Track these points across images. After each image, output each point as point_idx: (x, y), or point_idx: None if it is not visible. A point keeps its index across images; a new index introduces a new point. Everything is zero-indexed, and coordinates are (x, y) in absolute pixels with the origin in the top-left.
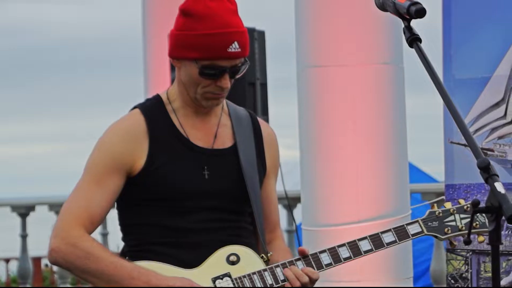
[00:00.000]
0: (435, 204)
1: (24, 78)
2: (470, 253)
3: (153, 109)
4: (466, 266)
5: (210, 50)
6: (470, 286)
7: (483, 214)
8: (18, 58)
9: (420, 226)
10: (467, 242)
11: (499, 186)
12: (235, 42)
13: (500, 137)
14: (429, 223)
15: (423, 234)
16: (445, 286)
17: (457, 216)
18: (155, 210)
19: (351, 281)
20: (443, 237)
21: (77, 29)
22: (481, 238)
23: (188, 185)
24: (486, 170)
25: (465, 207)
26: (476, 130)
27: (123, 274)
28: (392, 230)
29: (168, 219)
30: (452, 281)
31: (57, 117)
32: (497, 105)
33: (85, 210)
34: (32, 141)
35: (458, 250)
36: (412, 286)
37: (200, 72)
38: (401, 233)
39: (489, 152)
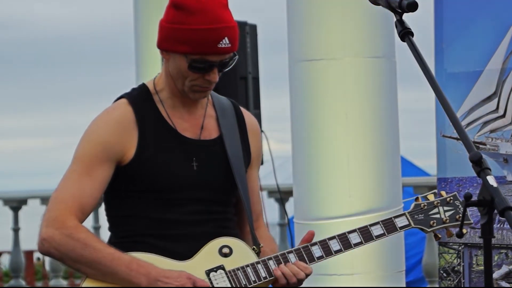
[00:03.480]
0: (419, 197)
1: (16, 73)
2: (462, 246)
3: (140, 99)
4: (458, 260)
5: (201, 46)
6: (462, 279)
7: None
8: (11, 52)
9: (407, 219)
10: (460, 235)
11: (491, 180)
12: (226, 38)
13: (492, 131)
14: (415, 216)
15: (411, 227)
16: (437, 279)
17: (440, 208)
18: (143, 202)
19: (343, 274)
20: (428, 229)
21: (68, 24)
22: (463, 230)
23: (178, 176)
24: (478, 164)
25: (448, 199)
26: (468, 124)
27: (120, 266)
28: (381, 223)
29: (156, 211)
30: (444, 274)
31: (50, 110)
32: (489, 98)
33: (76, 200)
34: (24, 135)
35: (450, 244)
36: (404, 279)
37: (189, 66)
38: (389, 226)
39: (481, 146)
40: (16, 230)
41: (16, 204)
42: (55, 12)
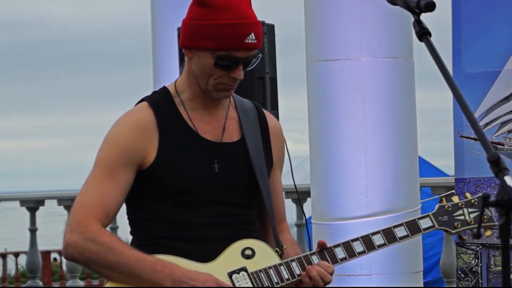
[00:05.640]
0: (444, 198)
1: (34, 73)
2: (480, 247)
3: (161, 102)
4: (476, 260)
5: (228, 41)
6: (480, 279)
7: (490, 208)
8: (28, 53)
9: (431, 220)
10: (477, 235)
11: (509, 180)
12: (252, 34)
13: (510, 131)
14: (439, 218)
15: (434, 228)
16: (455, 280)
17: (465, 210)
18: (165, 204)
19: (361, 275)
20: (453, 231)
21: (85, 23)
22: (488, 232)
23: (199, 179)
24: (496, 164)
25: (472, 201)
26: (486, 124)
27: (145, 267)
28: (404, 224)
29: (178, 213)
30: (462, 275)
31: (66, 111)
32: (507, 99)
33: (100, 204)
34: (41, 135)
35: (468, 244)
36: (422, 279)
37: (215, 63)
38: (413, 227)
39: (499, 146)
40: (33, 230)
41: (33, 205)
42: (71, 13)
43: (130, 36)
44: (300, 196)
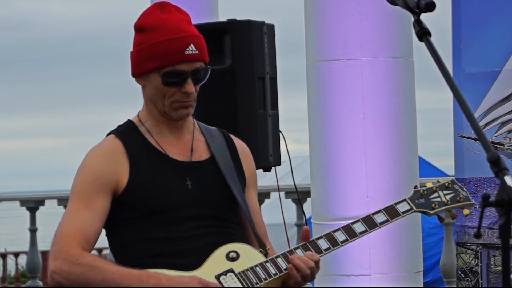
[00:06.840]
0: (418, 184)
1: (34, 73)
2: (480, 247)
3: (127, 132)
4: (476, 260)
5: (168, 56)
6: (480, 279)
7: (465, 189)
8: (28, 53)
9: (409, 203)
10: (477, 236)
11: (509, 180)
12: (191, 45)
13: (510, 131)
14: (416, 201)
15: (413, 211)
16: (455, 280)
17: (440, 192)
18: (144, 225)
19: (361, 275)
20: (431, 212)
21: (86, 24)
22: (466, 211)
23: (173, 196)
24: (496, 164)
25: (446, 184)
26: (486, 124)
27: (131, 280)
28: (382, 210)
29: (158, 231)
30: (462, 275)
31: (67, 111)
32: (507, 99)
33: (80, 231)
34: (41, 135)
35: (468, 244)
36: (422, 279)
37: (163, 81)
38: (391, 212)
39: (499, 146)
40: (33, 230)
41: (33, 205)
42: (72, 13)
43: (130, 37)
44: (300, 196)
